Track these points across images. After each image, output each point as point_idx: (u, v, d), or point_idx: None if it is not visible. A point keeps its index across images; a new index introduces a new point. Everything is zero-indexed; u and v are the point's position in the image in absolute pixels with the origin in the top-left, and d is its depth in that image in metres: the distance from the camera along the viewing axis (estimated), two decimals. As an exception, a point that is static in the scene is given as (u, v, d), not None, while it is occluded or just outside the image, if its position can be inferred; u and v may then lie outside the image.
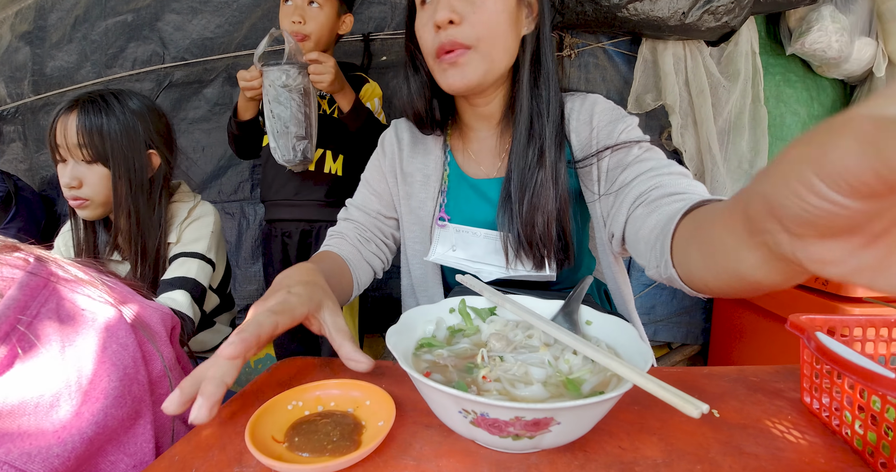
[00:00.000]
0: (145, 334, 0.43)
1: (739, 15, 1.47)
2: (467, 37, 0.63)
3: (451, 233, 0.78)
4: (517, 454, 0.38)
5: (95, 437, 0.35)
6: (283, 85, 1.03)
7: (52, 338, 0.36)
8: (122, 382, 0.38)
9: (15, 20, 1.80)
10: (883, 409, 0.35)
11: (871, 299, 1.13)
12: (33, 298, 0.37)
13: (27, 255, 0.39)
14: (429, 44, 0.66)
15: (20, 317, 0.35)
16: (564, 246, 0.69)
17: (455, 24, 0.63)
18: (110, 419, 0.37)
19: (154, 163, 0.95)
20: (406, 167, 0.82)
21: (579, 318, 0.52)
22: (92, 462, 0.36)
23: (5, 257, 0.38)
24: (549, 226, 0.67)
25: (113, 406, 0.37)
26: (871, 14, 1.56)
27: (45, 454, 0.32)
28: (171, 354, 0.47)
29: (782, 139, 1.74)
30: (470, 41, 0.63)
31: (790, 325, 0.45)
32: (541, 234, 0.67)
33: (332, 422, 0.40)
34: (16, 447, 0.31)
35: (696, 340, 1.87)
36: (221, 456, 0.38)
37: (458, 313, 0.54)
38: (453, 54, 0.64)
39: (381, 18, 1.60)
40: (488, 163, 0.78)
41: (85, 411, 0.35)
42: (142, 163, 0.91)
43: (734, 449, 0.39)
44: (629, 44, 1.68)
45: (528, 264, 0.70)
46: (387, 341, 0.42)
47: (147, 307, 0.47)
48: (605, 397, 0.32)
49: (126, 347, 0.40)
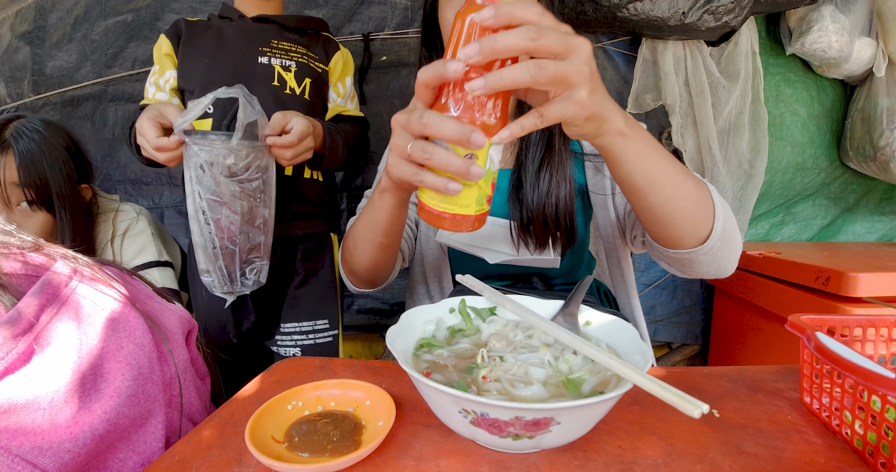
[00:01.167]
0: (160, 335, 0.44)
1: (739, 15, 1.47)
2: None
3: None
4: (517, 454, 0.38)
5: (107, 434, 0.36)
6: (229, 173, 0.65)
7: (70, 336, 0.37)
8: (136, 381, 0.39)
9: (15, 20, 1.80)
10: (883, 409, 0.35)
11: (871, 299, 1.13)
12: (55, 296, 0.37)
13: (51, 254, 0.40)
14: None
15: (39, 315, 0.35)
16: (570, 230, 0.73)
17: None
18: (122, 418, 0.37)
19: (86, 196, 0.89)
20: None
21: (579, 318, 0.52)
22: (102, 459, 0.36)
23: (30, 256, 0.39)
24: (556, 212, 0.72)
25: (126, 405, 0.38)
26: (871, 14, 1.56)
27: (56, 449, 0.32)
28: (185, 356, 0.47)
29: (782, 139, 1.74)
30: None
31: (790, 325, 0.45)
32: (548, 220, 0.71)
33: (332, 422, 0.40)
34: (28, 441, 0.32)
35: (696, 340, 1.87)
36: (221, 456, 0.38)
37: (458, 313, 0.54)
38: None
39: (381, 18, 1.60)
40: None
41: (98, 408, 0.36)
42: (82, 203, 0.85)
43: (734, 449, 0.39)
44: (629, 44, 1.68)
45: (534, 249, 0.74)
46: (387, 341, 0.42)
47: (165, 309, 0.48)
48: (605, 397, 0.32)
49: (142, 347, 0.41)
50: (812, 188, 1.80)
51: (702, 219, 0.55)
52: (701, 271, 0.62)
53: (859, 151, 1.67)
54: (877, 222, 1.83)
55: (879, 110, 1.58)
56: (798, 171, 1.77)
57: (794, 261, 1.32)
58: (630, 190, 0.53)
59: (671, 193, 0.52)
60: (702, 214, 0.55)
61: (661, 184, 0.51)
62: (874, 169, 1.66)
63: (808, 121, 1.76)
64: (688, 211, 0.54)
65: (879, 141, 1.58)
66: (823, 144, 1.77)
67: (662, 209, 0.54)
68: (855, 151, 1.69)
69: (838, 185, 1.80)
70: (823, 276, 1.22)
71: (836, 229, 1.82)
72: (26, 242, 0.40)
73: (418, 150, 0.43)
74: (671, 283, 1.84)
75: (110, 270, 0.46)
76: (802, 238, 1.83)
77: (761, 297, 1.46)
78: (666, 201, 0.53)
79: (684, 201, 0.53)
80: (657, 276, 1.82)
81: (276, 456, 0.36)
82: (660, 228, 0.57)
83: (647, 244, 0.66)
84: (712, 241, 0.55)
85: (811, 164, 1.77)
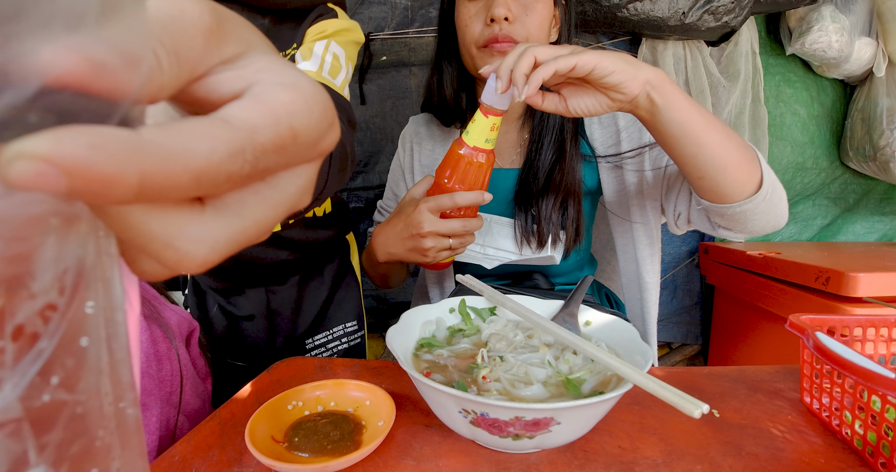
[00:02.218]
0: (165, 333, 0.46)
1: (739, 15, 1.47)
2: (519, 34, 0.70)
3: None
4: (517, 454, 0.38)
5: None
6: None
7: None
8: None
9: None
10: (883, 409, 0.35)
11: (871, 299, 1.13)
12: None
13: None
14: (476, 34, 0.72)
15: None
16: (576, 230, 0.75)
17: (509, 22, 0.69)
18: None
19: None
20: (424, 160, 0.88)
21: (579, 318, 0.52)
22: None
23: None
24: (564, 214, 0.73)
25: None
26: (871, 14, 1.56)
27: None
28: (185, 355, 0.49)
29: (782, 139, 1.74)
30: (520, 38, 0.70)
31: (790, 325, 0.45)
32: (554, 220, 0.73)
33: (332, 422, 0.40)
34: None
35: (696, 340, 1.87)
36: (221, 456, 0.38)
37: (458, 313, 0.54)
38: (504, 44, 0.70)
39: (381, 18, 1.60)
40: (505, 155, 0.82)
41: None
42: None
43: (734, 449, 0.39)
44: (629, 44, 1.68)
45: (537, 248, 0.75)
46: (387, 341, 0.42)
47: (167, 309, 0.50)
48: (605, 397, 0.32)
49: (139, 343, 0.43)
50: (812, 188, 1.80)
51: (750, 162, 0.56)
52: (761, 224, 0.61)
53: (859, 151, 1.67)
54: (877, 222, 1.83)
55: (879, 110, 1.58)
56: (798, 171, 1.77)
57: (794, 261, 1.32)
58: (679, 142, 0.54)
59: (718, 138, 0.54)
60: (748, 156, 0.56)
61: (707, 129, 0.53)
62: (874, 169, 1.66)
63: (808, 121, 1.76)
64: (738, 153, 0.55)
65: (879, 141, 1.58)
66: (823, 144, 1.77)
67: (716, 155, 0.54)
68: (855, 151, 1.69)
69: (838, 185, 1.80)
70: (823, 276, 1.22)
71: (836, 229, 1.82)
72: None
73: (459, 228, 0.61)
74: (671, 283, 1.84)
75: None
76: (802, 238, 1.83)
77: (761, 297, 1.46)
78: (717, 146, 0.54)
79: (731, 145, 0.54)
80: (657, 276, 1.82)
81: (276, 456, 0.36)
82: (717, 177, 0.56)
83: (699, 214, 0.66)
84: (766, 185, 0.56)
85: (811, 164, 1.77)
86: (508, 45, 0.70)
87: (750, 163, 0.56)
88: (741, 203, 0.57)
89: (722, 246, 1.67)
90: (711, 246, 1.72)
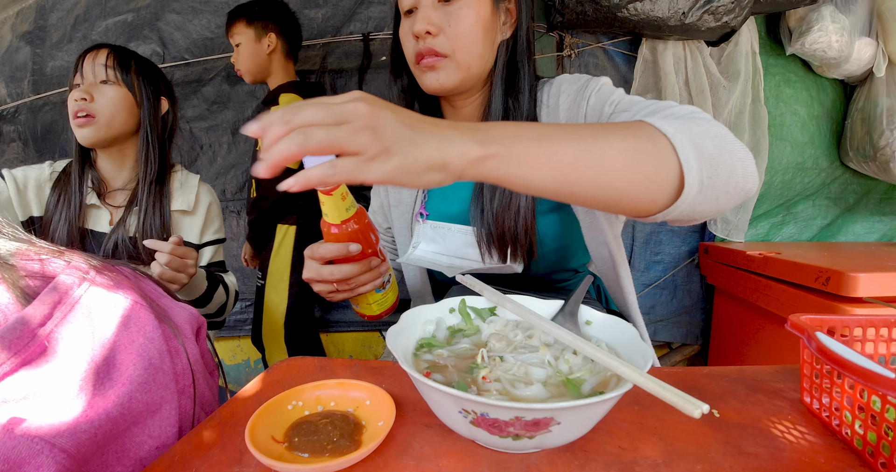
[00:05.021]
0: (172, 330, 0.47)
1: (739, 15, 1.47)
2: (444, 47, 0.68)
3: (427, 229, 0.82)
4: (517, 454, 0.38)
5: (121, 418, 0.39)
6: None
7: (84, 332, 0.41)
8: (146, 370, 0.42)
9: (16, 20, 1.80)
10: (883, 409, 0.35)
11: (871, 299, 1.13)
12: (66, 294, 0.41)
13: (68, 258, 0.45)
14: (409, 50, 0.72)
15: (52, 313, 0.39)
16: (529, 241, 0.73)
17: (432, 35, 0.68)
18: (135, 403, 0.41)
19: (163, 107, 1.05)
20: None
21: (579, 318, 0.52)
22: (118, 441, 0.40)
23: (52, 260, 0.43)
24: (516, 220, 0.71)
25: (138, 391, 0.41)
26: (871, 14, 1.56)
27: (73, 431, 0.36)
28: (196, 350, 0.50)
29: (782, 139, 1.74)
30: (446, 51, 0.69)
31: (790, 325, 0.45)
32: (509, 228, 0.71)
33: (332, 422, 0.40)
34: (47, 425, 0.35)
35: (696, 340, 1.87)
36: (221, 456, 0.38)
37: (458, 313, 0.54)
38: (431, 59, 0.70)
39: (381, 18, 1.60)
40: None
41: (112, 394, 0.39)
42: (157, 96, 1.03)
43: (734, 449, 0.39)
44: (629, 44, 1.68)
45: (497, 257, 0.73)
46: (387, 341, 0.42)
47: (175, 307, 0.51)
48: (605, 397, 0.32)
49: (152, 340, 0.44)
50: (812, 188, 1.80)
51: (654, 180, 0.45)
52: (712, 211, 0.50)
53: (859, 151, 1.67)
54: (877, 222, 1.83)
55: (879, 110, 1.58)
56: (798, 171, 1.77)
57: (794, 261, 1.32)
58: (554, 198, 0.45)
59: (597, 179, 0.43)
60: (653, 173, 0.45)
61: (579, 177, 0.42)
62: (874, 169, 1.66)
63: (808, 121, 1.76)
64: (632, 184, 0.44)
65: (879, 141, 1.58)
66: (823, 144, 1.78)
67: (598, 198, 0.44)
68: (855, 151, 1.69)
69: (838, 185, 1.80)
70: (823, 276, 1.22)
71: (836, 229, 1.83)
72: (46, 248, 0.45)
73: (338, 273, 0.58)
74: (671, 283, 1.84)
75: (123, 270, 0.50)
76: (802, 238, 1.83)
77: (761, 297, 1.46)
78: (597, 190, 0.43)
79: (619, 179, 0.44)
80: (657, 276, 1.82)
81: (276, 456, 0.36)
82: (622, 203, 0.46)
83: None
84: (691, 182, 0.45)
85: (811, 164, 1.77)
86: (435, 60, 0.69)
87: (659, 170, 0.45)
88: (667, 212, 0.47)
89: (722, 246, 1.67)
90: (711, 246, 1.72)
